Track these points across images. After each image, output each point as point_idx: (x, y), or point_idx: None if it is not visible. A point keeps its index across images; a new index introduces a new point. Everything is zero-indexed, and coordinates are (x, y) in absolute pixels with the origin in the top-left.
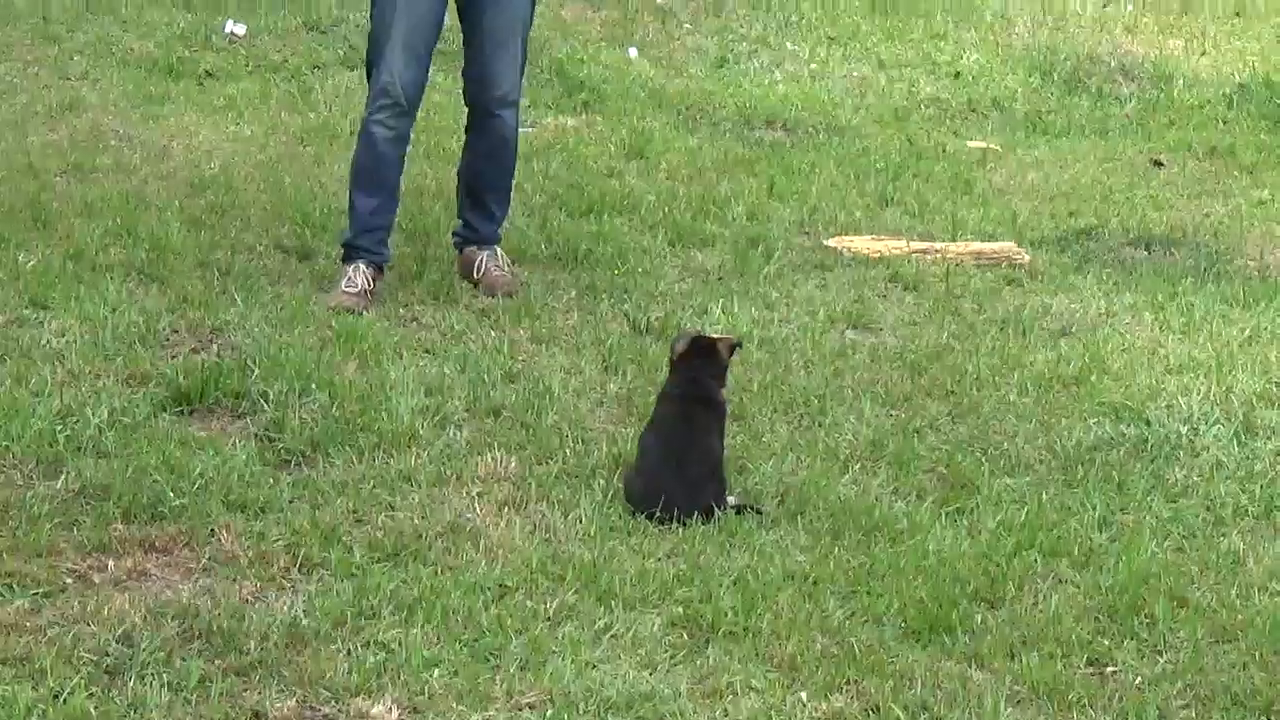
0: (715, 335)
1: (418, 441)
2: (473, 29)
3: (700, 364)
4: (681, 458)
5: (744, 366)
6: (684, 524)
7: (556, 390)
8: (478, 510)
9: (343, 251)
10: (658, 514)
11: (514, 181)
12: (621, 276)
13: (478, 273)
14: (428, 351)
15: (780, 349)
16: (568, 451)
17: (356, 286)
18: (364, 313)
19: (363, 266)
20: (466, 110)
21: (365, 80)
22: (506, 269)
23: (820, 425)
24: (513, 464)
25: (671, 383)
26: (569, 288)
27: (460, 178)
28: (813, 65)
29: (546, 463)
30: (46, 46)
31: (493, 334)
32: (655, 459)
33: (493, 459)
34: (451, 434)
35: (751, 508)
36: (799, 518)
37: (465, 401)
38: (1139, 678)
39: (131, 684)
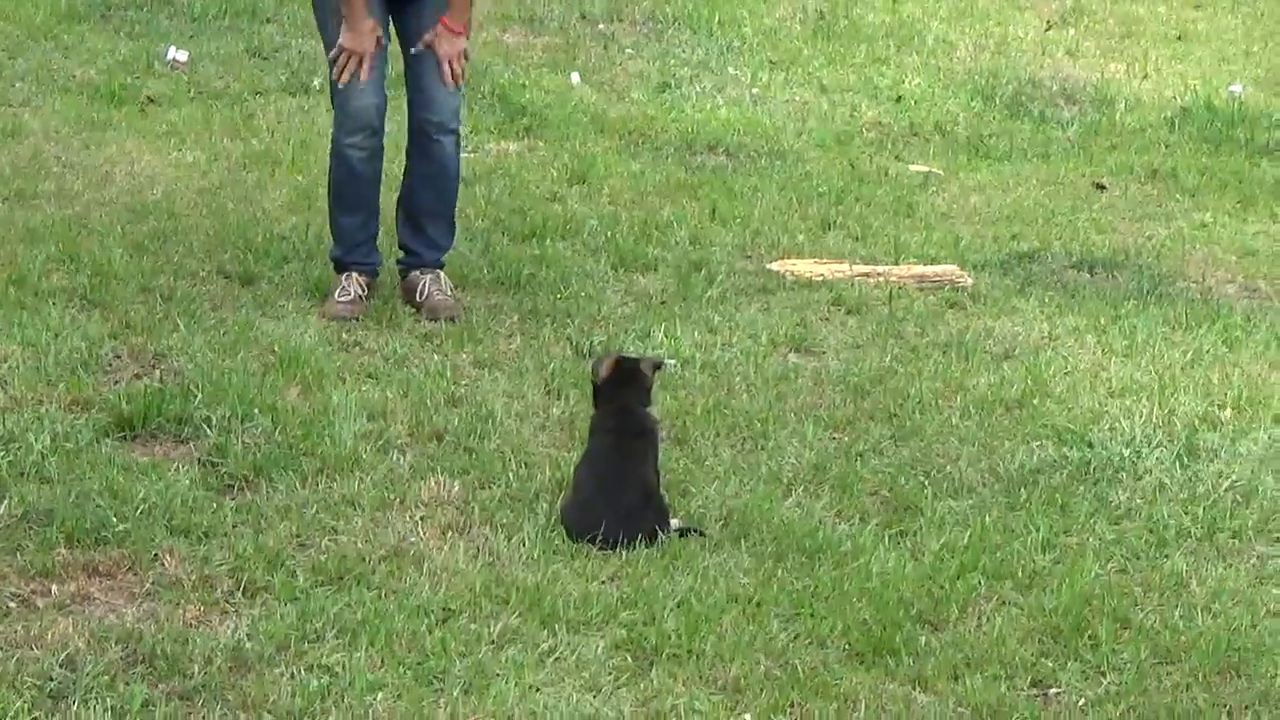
0: (636, 355)
1: (361, 466)
2: (412, 57)
3: (624, 387)
4: (615, 489)
5: (686, 390)
6: (626, 549)
7: (499, 414)
8: (421, 534)
9: (334, 266)
10: (598, 541)
11: (457, 208)
12: (564, 300)
13: (420, 297)
14: (370, 376)
15: (723, 373)
16: (510, 476)
17: (350, 295)
18: (359, 319)
19: (355, 275)
20: (408, 135)
21: (329, 105)
22: (449, 293)
23: (763, 448)
24: (456, 488)
25: (601, 413)
26: (511, 312)
27: (400, 204)
28: (754, 90)
29: (489, 487)
30: None
31: (435, 358)
32: (589, 492)
33: (436, 483)
34: (394, 459)
35: (695, 530)
36: (742, 540)
37: (408, 426)
38: (1082, 699)
39: (75, 708)
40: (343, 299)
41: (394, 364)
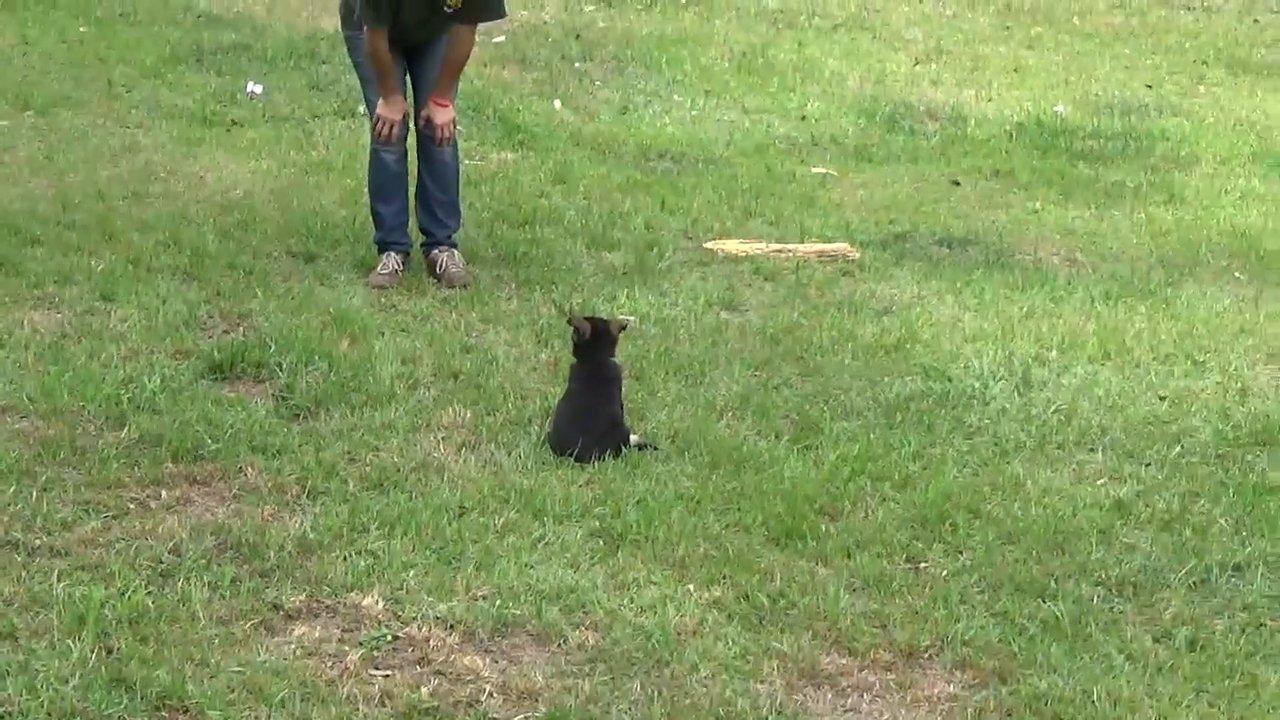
0: (606, 317)
1: (396, 399)
2: (417, 81)
3: (598, 343)
4: (588, 417)
5: (643, 339)
6: (598, 460)
7: (501, 359)
8: (442, 450)
9: (377, 247)
10: (574, 457)
11: (460, 197)
12: (549, 272)
13: (440, 270)
14: (403, 330)
15: (671, 326)
16: (510, 405)
17: (389, 269)
18: (396, 288)
19: (394, 254)
20: (417, 145)
21: (367, 119)
22: (462, 267)
23: (701, 384)
24: (468, 415)
25: (579, 361)
26: (510, 281)
27: (416, 197)
28: (693, 112)
29: (494, 414)
30: (111, 102)
31: (453, 316)
32: (568, 419)
33: (453, 411)
34: (422, 393)
35: (650, 446)
36: (686, 453)
37: (432, 368)
38: (945, 571)
39: (180, 584)
40: (383, 272)
41: (421, 321)
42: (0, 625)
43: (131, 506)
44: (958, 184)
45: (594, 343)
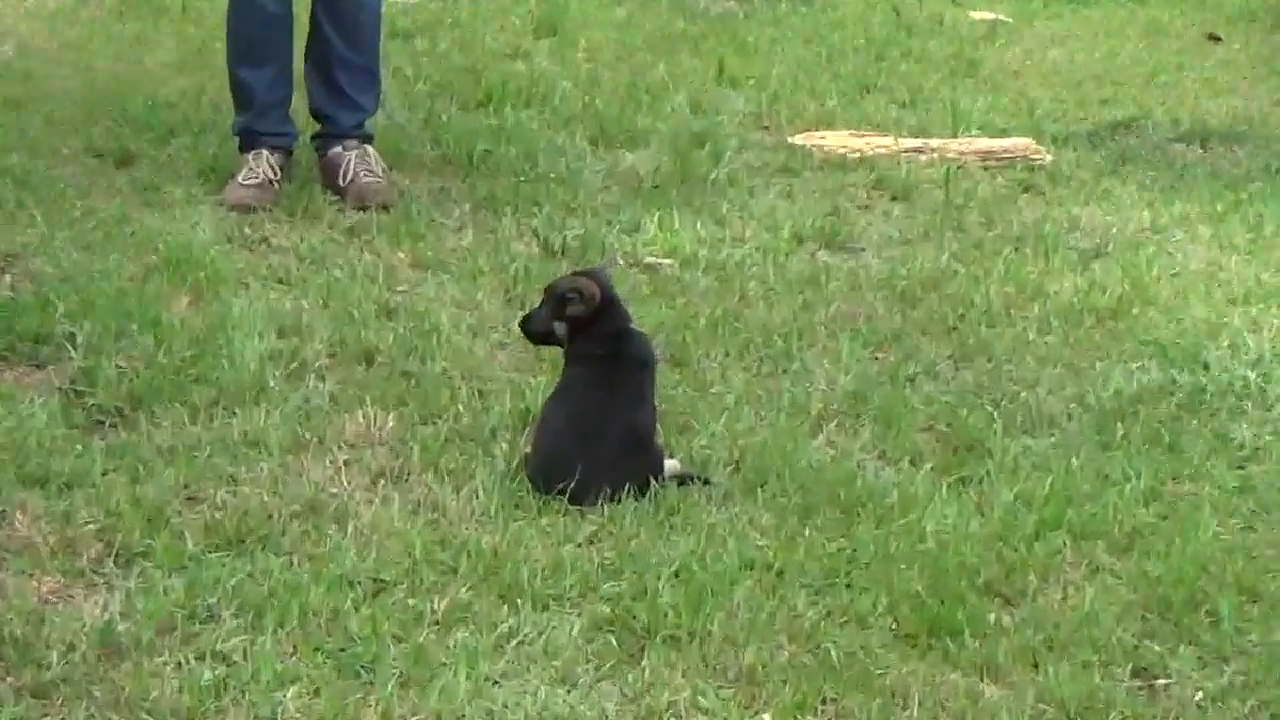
0: (594, 268)
1: (268, 396)
2: None
3: (609, 311)
4: (596, 427)
5: (687, 298)
6: (609, 502)
7: (446, 329)
8: (345, 483)
9: (239, 141)
10: (570, 496)
11: (381, 58)
12: (529, 184)
13: (344, 180)
14: (281, 281)
15: (734, 275)
16: (460, 408)
17: (258, 177)
18: (270, 209)
19: (265, 154)
20: None
21: None
22: (380, 174)
23: (785, 372)
24: (390, 424)
25: (581, 344)
26: (462, 199)
27: (309, 57)
28: None
29: (433, 422)
30: None
31: (365, 257)
32: (562, 430)
33: (364, 417)
34: (311, 386)
35: (697, 478)
36: (758, 491)
37: (329, 344)
38: (1199, 692)
39: None
40: (249, 182)
41: (311, 265)
42: None
43: None
44: (1217, 39)
45: (604, 313)
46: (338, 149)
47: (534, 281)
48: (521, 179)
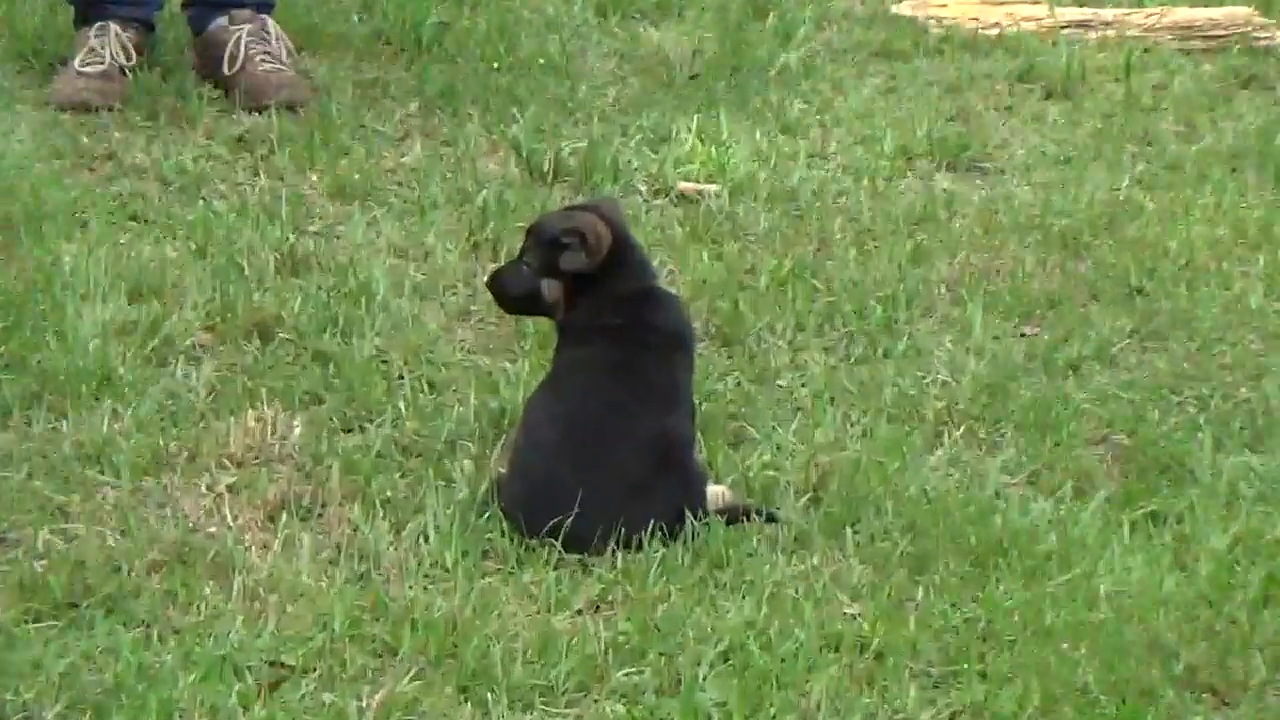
0: (583, 204)
1: (114, 389)
2: None
3: (622, 261)
4: (601, 448)
5: (740, 240)
6: (624, 547)
7: (381, 290)
8: (229, 520)
9: (74, 8)
10: (564, 534)
11: None
12: (505, 75)
13: (231, 67)
14: (135, 218)
15: (810, 209)
16: (402, 407)
17: (104, 62)
18: (120, 109)
19: (114, 29)
20: None
21: None
22: (284, 59)
23: (888, 355)
24: (296, 431)
25: (582, 316)
26: (406, 97)
27: None
28: None
29: (361, 429)
30: None
31: (261, 182)
32: (554, 444)
33: (258, 421)
34: (180, 375)
35: (756, 513)
36: (847, 532)
37: (206, 313)
38: None
39: None
40: (89, 69)
41: (180, 194)
42: None
43: None
44: None
45: (616, 266)
46: (221, 21)
47: (511, 219)
48: (494, 66)
